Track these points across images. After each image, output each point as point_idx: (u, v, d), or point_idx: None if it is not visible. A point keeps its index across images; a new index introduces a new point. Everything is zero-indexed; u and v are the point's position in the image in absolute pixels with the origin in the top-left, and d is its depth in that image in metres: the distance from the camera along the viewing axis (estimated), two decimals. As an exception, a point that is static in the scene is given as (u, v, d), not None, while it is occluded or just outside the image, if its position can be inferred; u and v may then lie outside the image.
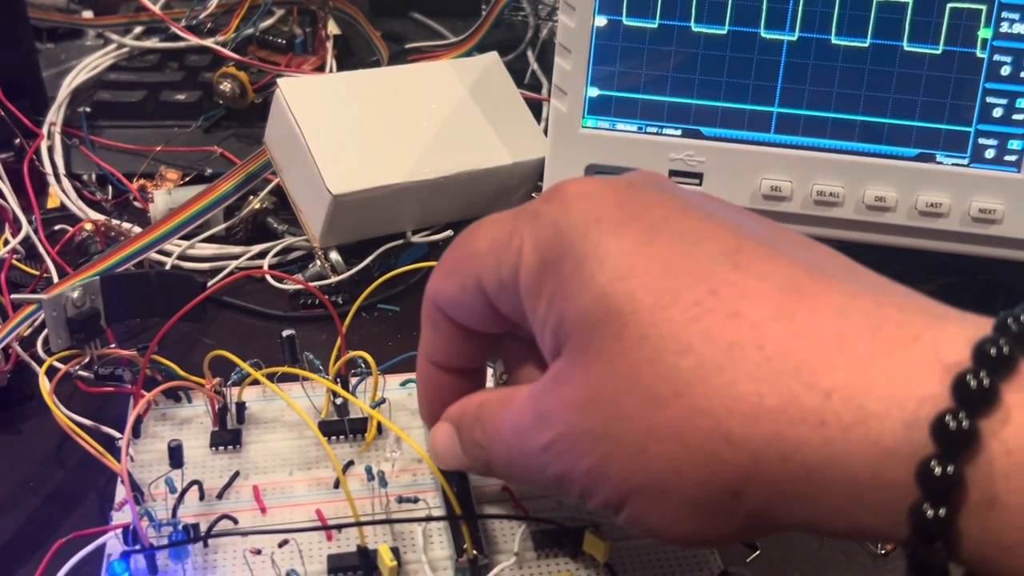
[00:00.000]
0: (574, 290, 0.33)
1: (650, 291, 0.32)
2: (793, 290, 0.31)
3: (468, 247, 0.38)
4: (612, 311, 0.32)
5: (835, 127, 0.58)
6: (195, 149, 0.71)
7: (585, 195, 0.35)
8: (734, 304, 0.31)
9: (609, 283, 0.32)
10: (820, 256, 0.34)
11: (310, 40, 0.80)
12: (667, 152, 0.60)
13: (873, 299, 0.31)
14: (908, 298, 0.32)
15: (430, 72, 0.67)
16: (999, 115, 0.57)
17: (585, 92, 0.60)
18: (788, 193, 0.59)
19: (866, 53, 0.57)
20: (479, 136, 0.64)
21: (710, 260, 0.32)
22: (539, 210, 0.36)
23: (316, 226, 0.60)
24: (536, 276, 0.35)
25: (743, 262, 0.32)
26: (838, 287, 0.31)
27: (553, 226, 0.34)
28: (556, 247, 0.34)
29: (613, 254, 0.33)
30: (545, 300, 0.34)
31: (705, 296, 0.31)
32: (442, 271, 0.39)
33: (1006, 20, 0.56)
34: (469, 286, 0.38)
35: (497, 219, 0.37)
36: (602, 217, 0.34)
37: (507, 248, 0.36)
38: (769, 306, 0.31)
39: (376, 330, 0.59)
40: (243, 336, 0.58)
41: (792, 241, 0.35)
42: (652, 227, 0.33)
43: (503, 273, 0.36)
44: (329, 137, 0.59)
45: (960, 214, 0.58)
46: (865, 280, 0.33)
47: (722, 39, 0.58)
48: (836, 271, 0.33)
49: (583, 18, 0.59)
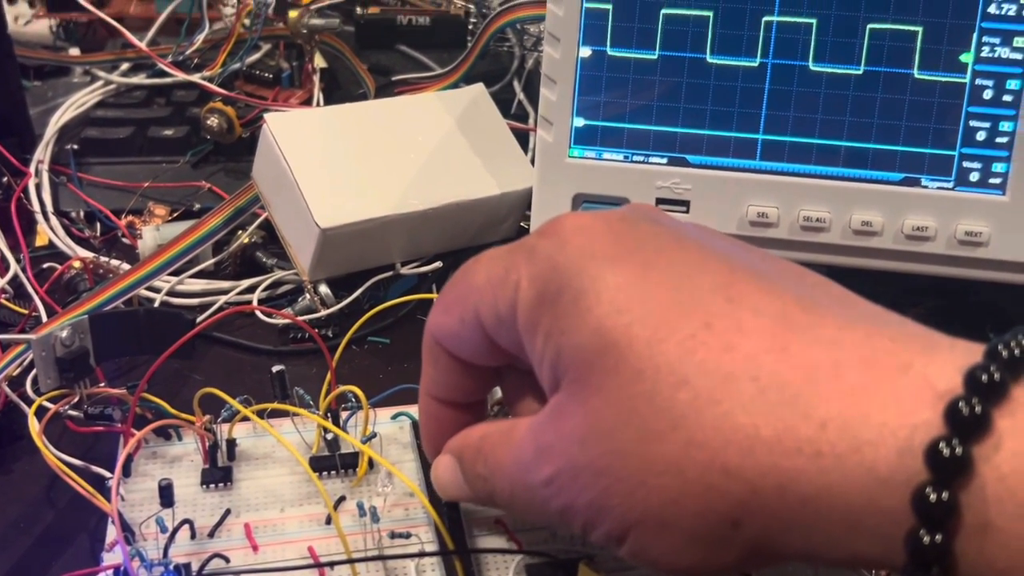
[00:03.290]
0: (571, 325, 0.34)
1: (646, 325, 0.32)
2: (786, 322, 0.32)
3: (466, 282, 0.38)
4: (609, 345, 0.32)
5: (820, 153, 0.58)
6: (183, 184, 0.72)
7: (580, 230, 0.35)
8: (729, 337, 0.31)
9: (606, 317, 0.33)
10: (813, 286, 0.35)
11: (297, 74, 0.80)
12: (654, 180, 0.60)
13: (865, 329, 0.31)
14: (900, 327, 0.32)
15: (416, 104, 0.67)
16: (982, 138, 0.57)
17: (571, 122, 0.61)
18: (775, 219, 0.59)
19: (849, 79, 0.57)
20: (466, 167, 0.64)
21: (704, 293, 0.33)
22: (535, 245, 0.36)
23: (305, 260, 0.60)
24: (533, 311, 0.35)
25: (737, 295, 0.32)
26: (831, 318, 0.32)
27: (549, 261, 0.35)
28: (553, 282, 0.34)
29: (609, 288, 0.33)
30: (542, 335, 0.35)
31: (700, 329, 0.32)
32: (441, 306, 0.40)
33: (987, 44, 0.56)
34: (468, 320, 0.38)
35: (494, 254, 0.38)
36: (597, 252, 0.34)
37: (504, 283, 0.36)
38: (763, 338, 0.31)
39: (367, 363, 0.59)
40: (233, 371, 0.58)
41: (785, 271, 0.35)
42: (647, 261, 0.34)
43: (501, 308, 0.36)
44: (316, 171, 0.59)
45: (946, 237, 0.58)
46: (857, 309, 0.33)
47: (705, 67, 0.59)
48: (829, 301, 0.33)
49: (568, 49, 0.60)
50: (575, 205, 0.62)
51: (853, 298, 0.34)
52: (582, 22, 0.59)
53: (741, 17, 0.58)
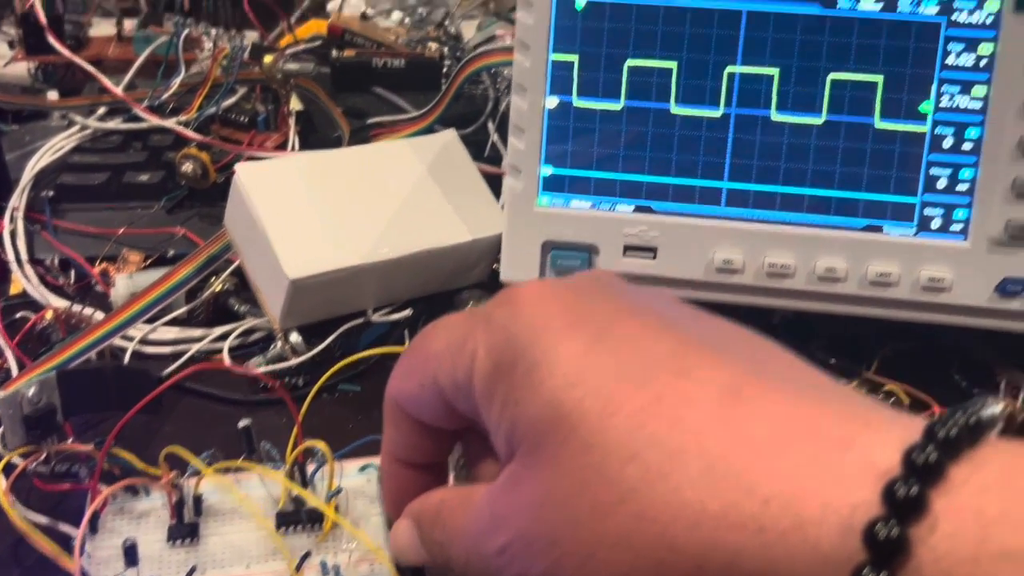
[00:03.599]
0: (525, 396, 0.34)
1: (597, 397, 0.33)
2: (734, 395, 0.32)
3: (425, 348, 0.39)
4: (561, 418, 0.33)
5: (784, 200, 0.59)
6: (158, 230, 0.72)
7: (535, 299, 0.36)
8: (677, 410, 0.32)
9: (558, 390, 0.33)
10: (763, 356, 0.35)
11: (273, 117, 0.81)
12: (621, 228, 0.61)
13: (811, 403, 0.32)
14: (845, 401, 0.32)
15: (388, 151, 0.68)
16: (943, 186, 0.58)
17: (539, 171, 0.61)
18: (740, 266, 0.60)
19: (811, 129, 0.58)
20: (437, 214, 0.65)
21: (655, 366, 0.33)
22: (492, 314, 0.37)
23: (275, 309, 0.60)
24: (489, 381, 0.35)
25: (686, 367, 0.33)
26: (778, 390, 0.32)
27: (504, 331, 0.35)
28: (508, 352, 0.35)
29: (562, 360, 0.34)
30: (498, 405, 0.35)
31: (650, 403, 0.32)
32: (401, 371, 0.40)
33: (946, 94, 0.57)
34: (427, 386, 0.39)
35: (453, 321, 0.38)
36: (551, 322, 0.35)
37: (462, 351, 0.37)
38: (711, 412, 0.32)
39: (337, 412, 0.59)
40: (204, 422, 0.58)
41: (736, 341, 0.35)
42: (599, 332, 0.34)
43: (458, 376, 0.37)
44: (286, 221, 0.60)
45: (910, 283, 0.59)
46: (805, 381, 0.34)
47: (670, 117, 0.59)
48: (778, 372, 0.34)
49: (535, 99, 0.60)
50: (544, 252, 0.62)
51: (801, 368, 0.35)
52: (549, 73, 0.60)
53: (704, 68, 0.59)
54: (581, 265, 0.62)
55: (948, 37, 0.57)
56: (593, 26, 0.59)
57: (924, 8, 0.57)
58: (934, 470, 0.27)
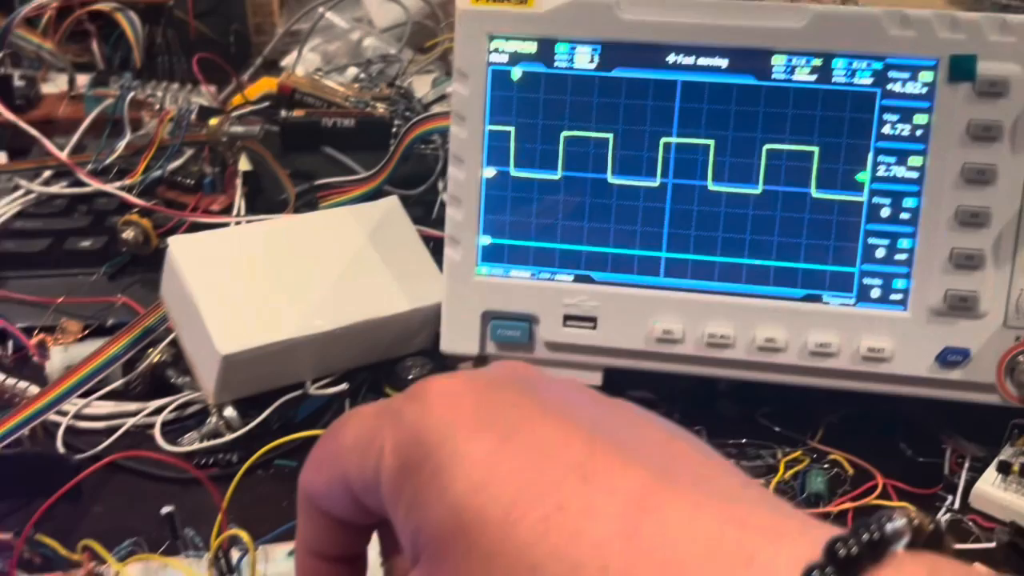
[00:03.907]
0: (429, 501, 0.33)
1: (500, 505, 0.32)
2: (639, 505, 0.31)
3: (334, 442, 0.38)
4: (463, 526, 0.32)
5: (722, 270, 0.59)
6: (97, 299, 0.71)
7: (444, 396, 0.35)
8: (580, 522, 0.31)
9: (462, 495, 0.32)
10: (675, 456, 0.34)
11: (219, 179, 0.80)
12: (561, 297, 0.60)
13: (716, 512, 0.31)
14: (753, 508, 0.32)
15: (328, 220, 0.67)
16: (882, 255, 0.58)
17: (478, 240, 0.61)
18: (680, 336, 0.59)
19: (748, 198, 0.58)
20: (377, 283, 0.64)
21: (560, 471, 0.32)
22: (401, 410, 0.36)
23: (209, 384, 0.59)
24: (396, 482, 0.35)
25: (592, 473, 0.32)
26: (685, 498, 0.32)
27: (412, 428, 0.35)
28: (415, 452, 0.34)
29: (466, 464, 0.33)
30: (404, 507, 0.34)
31: (553, 511, 0.31)
32: (312, 464, 0.39)
33: (883, 164, 0.57)
34: (336, 482, 0.38)
35: (364, 414, 0.38)
36: (459, 422, 0.34)
37: (370, 448, 0.36)
38: (613, 524, 0.31)
39: (271, 488, 0.58)
40: (136, 500, 0.57)
41: (649, 440, 0.35)
42: (507, 434, 0.34)
43: (367, 473, 0.36)
44: (219, 294, 0.59)
45: (850, 353, 0.58)
46: (715, 484, 0.33)
47: (607, 187, 0.59)
48: (687, 475, 0.33)
49: (472, 169, 0.60)
50: (484, 322, 0.62)
51: (713, 468, 0.34)
52: (485, 144, 0.60)
53: (640, 139, 0.58)
54: (521, 336, 0.61)
55: (883, 107, 0.57)
56: (529, 97, 0.59)
57: (859, 79, 0.57)
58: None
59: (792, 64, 0.57)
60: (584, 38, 0.58)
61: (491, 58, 0.59)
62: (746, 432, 0.62)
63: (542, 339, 0.61)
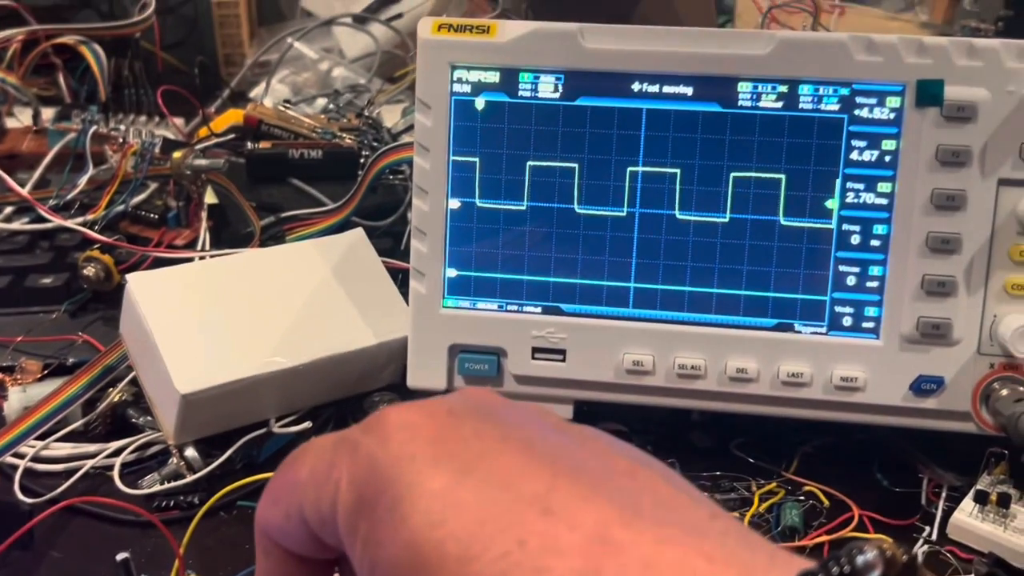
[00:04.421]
0: (386, 536, 0.32)
1: (458, 541, 0.31)
2: (602, 540, 0.30)
3: (290, 476, 0.37)
4: (420, 563, 0.31)
5: (692, 300, 0.58)
6: (58, 338, 0.70)
7: (402, 427, 0.34)
8: (541, 558, 0.30)
9: (420, 530, 0.31)
10: (641, 487, 0.33)
11: (184, 213, 0.79)
12: (529, 330, 0.59)
13: (681, 547, 0.30)
14: (720, 541, 0.31)
15: (291, 253, 0.66)
16: (852, 283, 0.57)
17: (443, 273, 0.60)
18: (650, 367, 0.58)
19: (716, 227, 0.57)
20: (342, 318, 0.63)
21: (521, 504, 0.31)
22: (359, 441, 0.35)
23: (169, 424, 0.58)
24: (352, 515, 0.33)
25: (555, 505, 0.31)
26: (649, 533, 0.31)
27: (369, 460, 0.33)
28: (372, 485, 0.33)
29: (424, 498, 0.32)
30: (360, 541, 0.33)
31: (513, 547, 0.30)
32: (268, 498, 0.38)
33: (851, 190, 0.56)
34: (293, 516, 0.36)
35: (320, 446, 0.36)
36: (417, 454, 0.33)
37: (327, 481, 0.35)
38: (576, 560, 0.30)
39: (235, 530, 0.57)
40: (93, 545, 0.55)
41: (613, 471, 0.34)
42: (466, 466, 0.33)
43: (323, 507, 0.35)
44: (179, 332, 0.58)
45: (822, 382, 0.57)
46: (682, 515, 0.32)
47: (574, 217, 0.58)
48: (652, 507, 0.32)
49: (436, 201, 0.59)
50: (452, 356, 0.60)
51: (681, 499, 0.33)
52: (450, 174, 0.59)
53: (607, 168, 0.58)
54: (490, 369, 0.60)
55: (851, 133, 0.56)
56: (493, 127, 0.58)
57: (826, 105, 0.56)
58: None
59: (758, 91, 0.56)
60: (547, 67, 0.57)
61: (454, 88, 0.58)
62: (720, 463, 0.61)
63: (511, 372, 0.60)
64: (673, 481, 0.34)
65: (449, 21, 0.58)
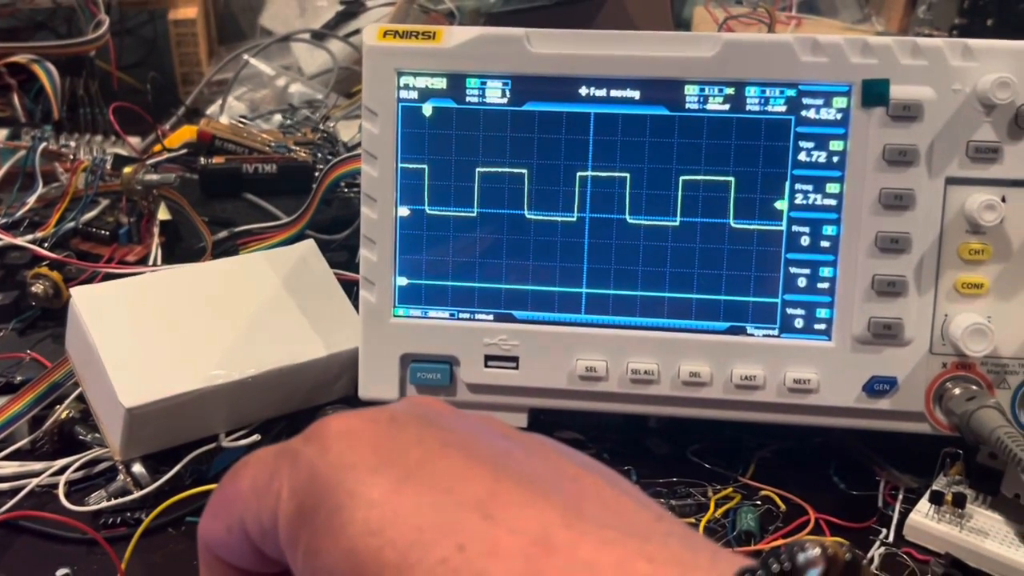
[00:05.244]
0: (325, 545, 0.32)
1: (396, 548, 0.30)
2: (544, 544, 0.30)
3: (232, 488, 0.36)
4: (359, 571, 0.30)
5: (644, 305, 0.58)
6: (5, 356, 0.68)
7: (343, 435, 0.34)
8: (481, 562, 0.30)
9: (358, 538, 0.31)
10: (585, 491, 0.33)
11: (135, 229, 0.78)
12: (481, 338, 0.59)
13: (623, 548, 0.30)
14: (663, 543, 0.30)
15: (241, 265, 0.65)
16: (803, 285, 0.57)
17: (394, 282, 0.59)
18: (604, 373, 0.58)
19: (666, 231, 0.57)
20: (292, 329, 0.62)
21: (461, 509, 0.31)
22: (299, 451, 0.34)
23: (115, 439, 0.57)
24: (293, 526, 0.33)
25: (496, 510, 0.31)
26: (591, 536, 0.30)
27: (309, 469, 0.33)
28: (312, 494, 0.32)
29: (363, 506, 0.31)
30: (301, 553, 0.33)
31: (452, 553, 0.30)
32: (209, 512, 0.37)
33: (800, 192, 0.56)
34: (234, 529, 0.36)
35: (261, 457, 0.36)
36: (357, 462, 0.33)
37: (267, 491, 0.34)
38: (516, 564, 0.29)
39: (182, 547, 0.56)
40: (37, 563, 0.54)
41: (557, 473, 0.33)
42: (406, 473, 0.32)
43: (264, 518, 0.34)
44: (124, 346, 0.57)
45: (775, 385, 0.57)
46: (625, 519, 0.32)
47: (524, 223, 0.58)
48: (595, 510, 0.31)
49: (385, 209, 0.58)
50: (403, 365, 0.60)
51: (625, 503, 0.33)
52: (398, 182, 0.58)
53: (556, 173, 0.57)
54: (442, 378, 0.59)
55: (798, 134, 0.56)
56: (441, 133, 0.58)
57: (772, 106, 0.56)
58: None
59: (704, 94, 0.56)
60: (494, 72, 0.57)
61: (400, 95, 0.58)
62: (677, 469, 0.60)
63: (463, 381, 0.59)
64: (619, 485, 0.34)
65: (395, 28, 0.58)
